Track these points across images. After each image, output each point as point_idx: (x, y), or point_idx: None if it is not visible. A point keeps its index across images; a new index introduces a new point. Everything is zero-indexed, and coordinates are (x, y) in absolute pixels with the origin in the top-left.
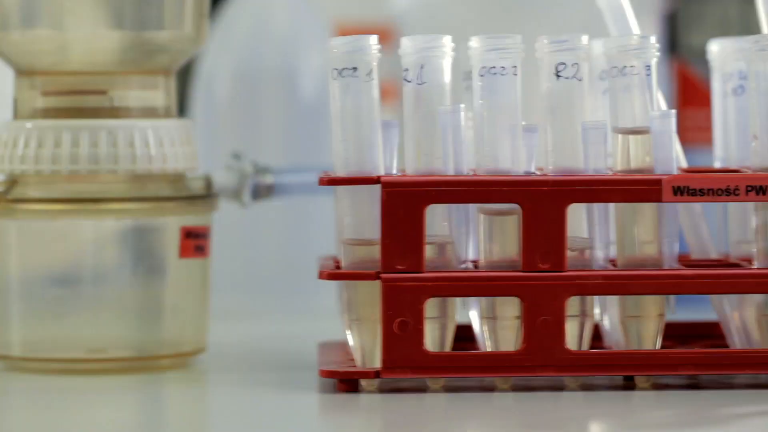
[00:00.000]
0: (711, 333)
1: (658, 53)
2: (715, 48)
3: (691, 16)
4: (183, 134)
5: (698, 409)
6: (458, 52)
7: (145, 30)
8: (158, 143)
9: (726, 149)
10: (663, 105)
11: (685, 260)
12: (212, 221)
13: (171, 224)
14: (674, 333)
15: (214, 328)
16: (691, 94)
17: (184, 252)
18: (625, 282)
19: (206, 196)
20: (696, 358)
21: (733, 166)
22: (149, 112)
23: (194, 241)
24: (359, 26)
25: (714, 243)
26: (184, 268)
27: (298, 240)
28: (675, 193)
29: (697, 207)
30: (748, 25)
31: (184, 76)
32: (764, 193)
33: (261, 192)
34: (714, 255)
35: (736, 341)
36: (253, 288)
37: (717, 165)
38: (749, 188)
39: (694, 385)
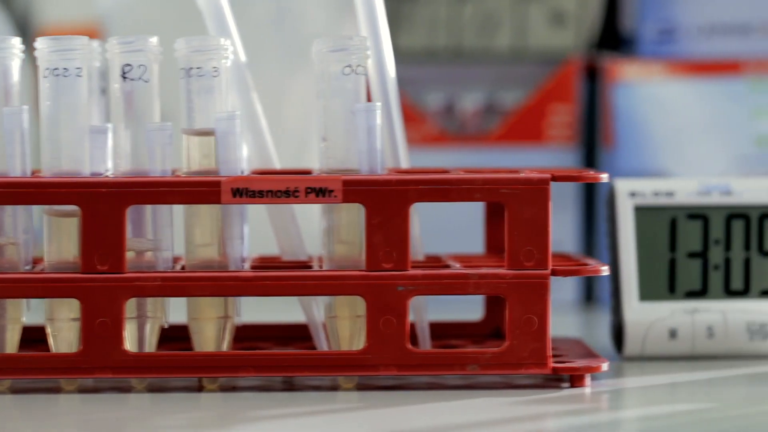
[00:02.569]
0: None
1: (228, 55)
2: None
3: (401, 17)
4: None
5: (236, 410)
6: (164, 54)
7: None
8: None
9: None
10: (258, 107)
11: (273, 262)
12: None
13: None
14: (276, 335)
15: None
16: None
17: None
18: (183, 284)
19: None
20: (256, 361)
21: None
22: None
23: None
24: (64, 26)
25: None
26: None
27: None
28: (234, 195)
29: (287, 209)
30: (458, 27)
31: None
32: (324, 195)
33: None
34: (304, 257)
35: (323, 343)
36: None
37: None
38: (309, 190)
39: (288, 388)
